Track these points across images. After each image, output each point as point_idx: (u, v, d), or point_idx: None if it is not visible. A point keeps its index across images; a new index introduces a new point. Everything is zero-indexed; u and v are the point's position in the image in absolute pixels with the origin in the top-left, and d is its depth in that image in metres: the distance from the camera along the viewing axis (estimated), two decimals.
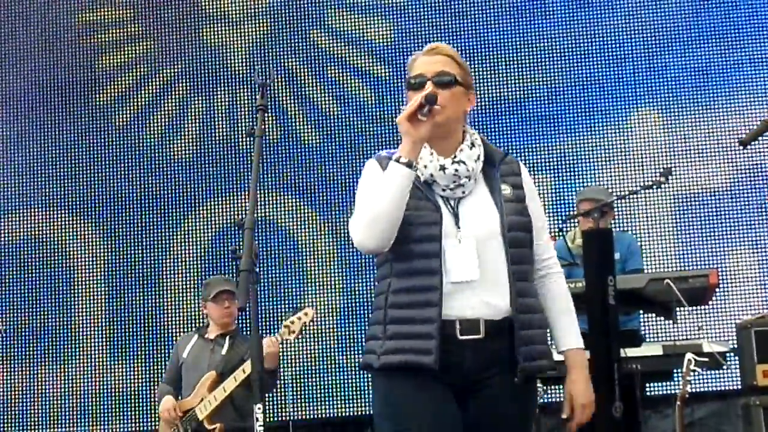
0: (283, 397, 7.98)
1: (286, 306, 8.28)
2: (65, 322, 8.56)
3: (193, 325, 8.03)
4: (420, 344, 3.06)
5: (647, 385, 6.22)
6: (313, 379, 8.16)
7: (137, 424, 8.32)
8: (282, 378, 7.98)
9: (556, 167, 8.22)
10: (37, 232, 8.75)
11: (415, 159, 3.10)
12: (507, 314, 3.11)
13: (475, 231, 3.14)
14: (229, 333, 6.40)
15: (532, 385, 3.23)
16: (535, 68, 8.42)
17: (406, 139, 3.11)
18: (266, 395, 6.74)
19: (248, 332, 6.06)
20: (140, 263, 8.59)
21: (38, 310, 8.62)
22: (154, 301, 8.50)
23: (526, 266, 3.21)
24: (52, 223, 8.75)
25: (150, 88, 8.90)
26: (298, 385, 8.10)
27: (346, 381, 8.08)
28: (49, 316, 8.59)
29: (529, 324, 3.14)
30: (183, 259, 8.56)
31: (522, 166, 3.34)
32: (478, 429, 3.14)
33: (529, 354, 3.13)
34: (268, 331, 8.03)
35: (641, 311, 6.32)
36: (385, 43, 8.59)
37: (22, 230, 8.78)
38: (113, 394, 8.41)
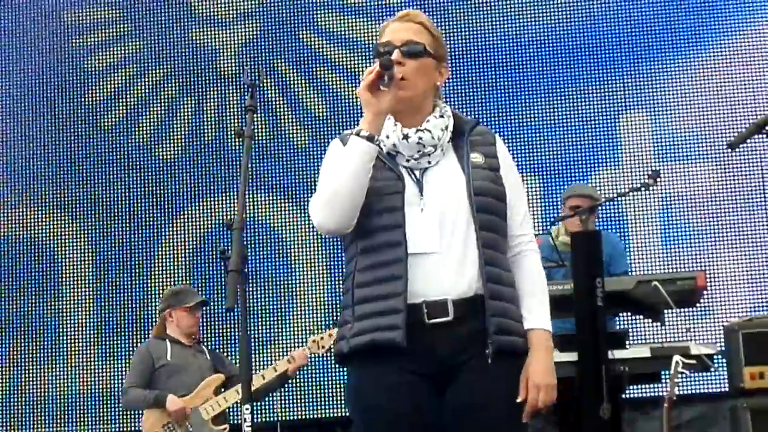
0: (270, 398, 7.97)
1: (275, 307, 8.29)
2: (52, 322, 8.54)
3: None
4: (387, 320, 2.89)
5: (635, 387, 6.24)
6: (301, 380, 8.14)
7: (124, 425, 8.29)
8: None
9: (543, 170, 8.21)
10: (24, 232, 8.72)
11: (377, 132, 2.95)
12: (478, 290, 2.94)
13: (440, 199, 2.97)
14: (197, 340, 6.63)
15: (517, 364, 2.98)
16: (525, 71, 8.43)
17: (367, 110, 2.96)
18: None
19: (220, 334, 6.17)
20: (128, 264, 8.57)
21: (25, 310, 8.59)
22: (142, 301, 8.47)
23: (496, 235, 3.00)
24: (39, 223, 8.71)
25: (139, 88, 8.88)
26: (286, 385, 8.08)
27: (333, 381, 8.08)
28: (36, 316, 8.56)
29: (499, 295, 2.95)
30: (171, 260, 8.54)
31: (498, 138, 3.17)
32: (457, 418, 2.94)
33: (502, 327, 2.93)
34: (255, 332, 8.05)
35: (619, 313, 6.34)
36: (375, 44, 8.57)
37: (9, 230, 8.75)
38: (101, 395, 8.38)
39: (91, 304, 8.54)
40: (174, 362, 6.41)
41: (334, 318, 8.15)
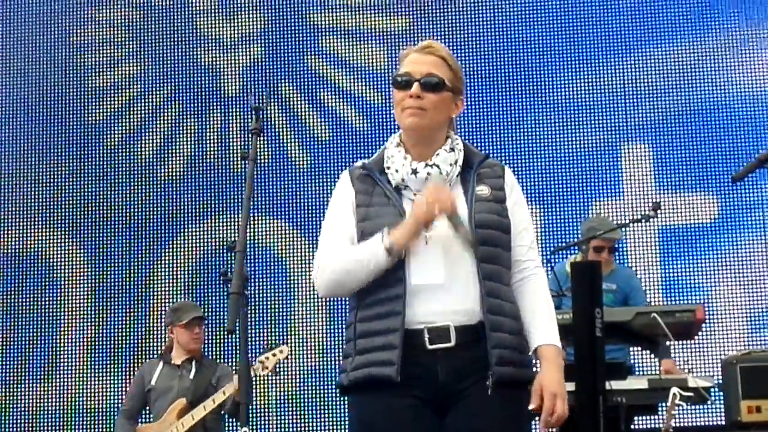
0: (267, 421, 7.96)
1: (274, 330, 8.28)
2: (51, 339, 8.52)
3: None
4: (383, 356, 2.96)
5: (632, 418, 6.21)
6: (298, 404, 8.14)
7: None
8: (267, 402, 7.97)
9: (545, 199, 8.22)
10: (25, 249, 8.72)
11: (402, 249, 2.98)
12: (480, 318, 2.97)
13: (444, 232, 3.00)
14: (195, 358, 6.51)
15: (518, 394, 3.02)
16: (527, 100, 8.45)
17: (406, 230, 2.97)
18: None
19: (216, 355, 6.12)
20: (129, 283, 8.57)
21: (24, 326, 8.58)
22: (142, 320, 8.47)
23: (499, 267, 3.04)
24: (40, 240, 8.71)
25: (143, 107, 8.90)
26: (284, 408, 8.08)
27: (330, 406, 8.06)
28: (35, 333, 8.55)
29: (500, 326, 2.98)
30: (172, 280, 8.54)
31: (507, 169, 3.21)
32: None
33: (502, 358, 2.96)
34: (255, 354, 8.04)
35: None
36: (378, 70, 8.62)
37: (10, 246, 8.74)
38: (99, 413, 8.36)
39: (91, 322, 8.53)
40: (158, 386, 6.43)
41: (326, 340, 8.15)
